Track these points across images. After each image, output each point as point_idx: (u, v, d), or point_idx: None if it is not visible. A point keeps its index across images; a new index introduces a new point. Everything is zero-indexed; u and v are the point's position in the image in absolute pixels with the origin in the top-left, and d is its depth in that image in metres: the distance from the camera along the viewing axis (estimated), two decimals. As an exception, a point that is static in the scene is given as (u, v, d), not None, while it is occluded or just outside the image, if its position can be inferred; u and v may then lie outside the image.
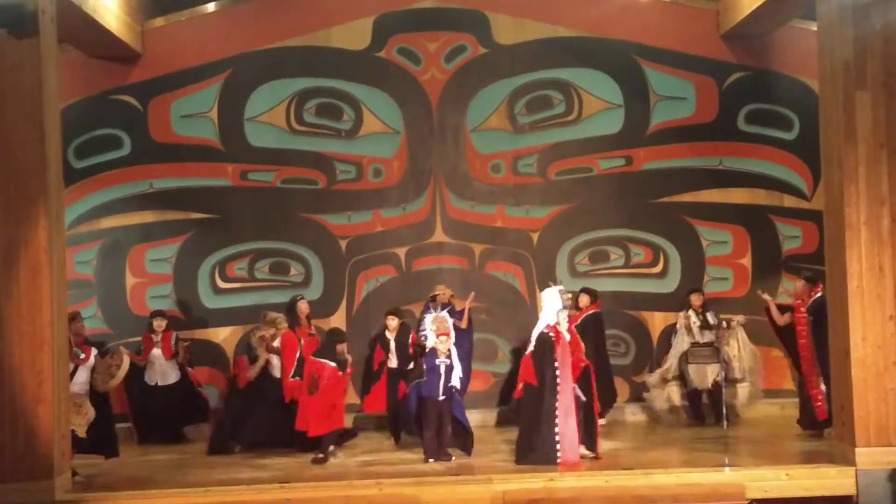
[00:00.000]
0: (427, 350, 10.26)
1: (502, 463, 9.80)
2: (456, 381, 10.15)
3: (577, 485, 8.80)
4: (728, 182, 12.68)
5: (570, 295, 10.18)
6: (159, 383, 11.83)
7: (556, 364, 9.57)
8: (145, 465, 10.45)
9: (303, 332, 11.54)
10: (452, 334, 10.32)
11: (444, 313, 10.70)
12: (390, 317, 11.59)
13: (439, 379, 10.04)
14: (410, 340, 11.54)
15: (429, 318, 10.44)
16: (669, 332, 12.37)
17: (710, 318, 11.83)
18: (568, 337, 9.73)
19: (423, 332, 11.57)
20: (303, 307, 11.80)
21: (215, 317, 12.48)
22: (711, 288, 12.43)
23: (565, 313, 9.82)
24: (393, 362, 11.58)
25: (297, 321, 11.60)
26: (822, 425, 10.41)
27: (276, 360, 11.16)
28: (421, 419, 10.15)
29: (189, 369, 11.94)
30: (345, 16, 12.67)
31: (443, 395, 10.04)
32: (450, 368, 10.09)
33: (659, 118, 12.70)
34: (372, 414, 12.02)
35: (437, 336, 10.15)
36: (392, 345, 11.58)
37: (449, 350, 10.16)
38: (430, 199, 12.67)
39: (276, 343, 11.12)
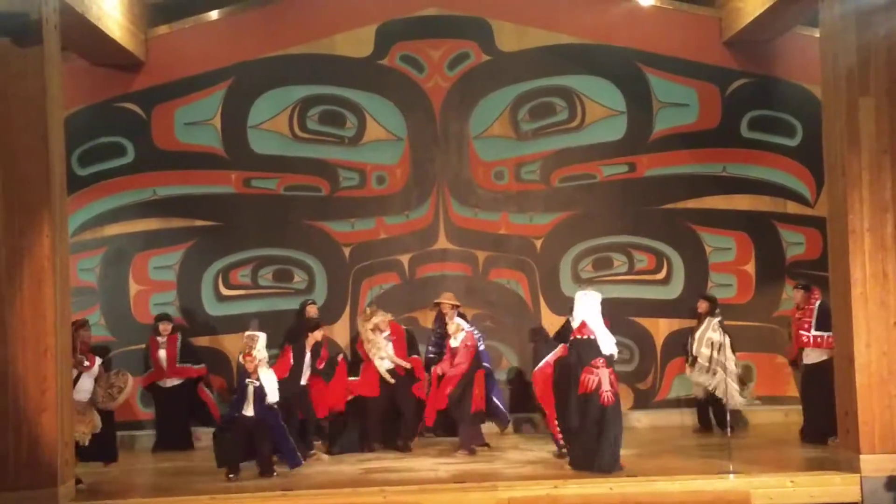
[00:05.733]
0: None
1: (507, 469, 9.79)
2: (273, 399, 9.95)
3: (581, 492, 8.79)
4: (731, 188, 12.68)
5: None
6: (165, 385, 11.85)
7: None
8: (150, 473, 10.46)
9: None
10: (261, 355, 10.10)
11: (258, 333, 10.35)
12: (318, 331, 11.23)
13: (245, 399, 9.86)
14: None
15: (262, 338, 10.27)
16: (673, 338, 12.41)
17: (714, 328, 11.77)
18: None
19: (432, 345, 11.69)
20: (309, 311, 11.86)
21: (219, 324, 12.47)
22: (715, 294, 12.39)
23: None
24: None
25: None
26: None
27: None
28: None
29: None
30: (348, 23, 12.69)
31: (254, 414, 9.84)
32: (259, 389, 9.88)
33: (662, 125, 12.71)
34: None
35: (244, 356, 10.02)
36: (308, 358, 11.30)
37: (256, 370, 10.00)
38: (433, 206, 12.68)
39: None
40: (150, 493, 9.29)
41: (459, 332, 11.06)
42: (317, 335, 11.01)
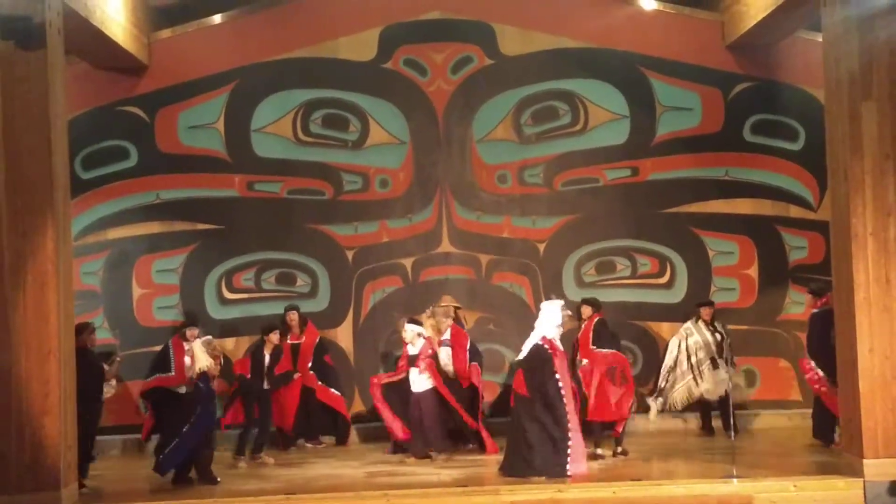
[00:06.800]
0: (198, 374, 10.00)
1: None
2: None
3: (584, 496, 8.80)
4: (734, 193, 12.67)
5: (569, 312, 10.11)
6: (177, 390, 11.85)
7: (558, 377, 9.57)
8: (153, 476, 10.43)
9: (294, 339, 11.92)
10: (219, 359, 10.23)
11: (209, 336, 10.44)
12: (273, 333, 11.31)
13: (214, 402, 9.99)
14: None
15: (198, 343, 10.18)
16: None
17: (720, 328, 11.76)
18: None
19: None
20: (290, 317, 12.00)
21: (222, 327, 12.45)
22: (718, 298, 12.38)
23: (562, 330, 9.86)
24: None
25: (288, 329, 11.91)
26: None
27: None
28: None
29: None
30: (351, 27, 12.70)
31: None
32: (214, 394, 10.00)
33: (665, 129, 12.70)
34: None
35: (214, 357, 10.04)
36: (267, 360, 11.30)
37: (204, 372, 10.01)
38: (436, 209, 12.69)
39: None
40: (153, 496, 9.30)
41: (418, 341, 11.03)
42: (272, 338, 11.10)
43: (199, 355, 10.03)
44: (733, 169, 12.66)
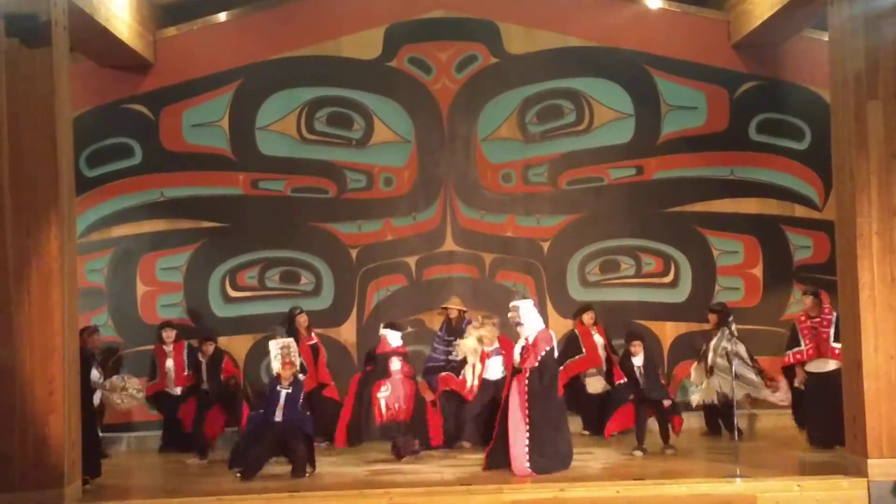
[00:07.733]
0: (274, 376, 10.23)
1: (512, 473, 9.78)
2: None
3: (587, 495, 8.78)
4: (739, 192, 12.66)
5: (514, 305, 10.01)
6: (177, 392, 11.82)
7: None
8: (156, 474, 10.47)
9: (303, 343, 11.69)
10: (298, 361, 10.38)
11: (290, 340, 10.64)
12: (207, 342, 11.49)
13: (277, 404, 9.96)
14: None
15: (274, 344, 10.38)
16: (680, 341, 12.40)
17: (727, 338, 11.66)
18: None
19: (435, 351, 11.64)
20: (301, 320, 11.89)
21: (225, 326, 12.45)
22: (722, 298, 12.36)
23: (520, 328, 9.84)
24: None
25: (296, 333, 11.73)
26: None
27: None
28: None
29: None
30: (356, 25, 12.70)
31: (282, 418, 9.93)
32: (291, 395, 10.01)
33: (670, 128, 12.69)
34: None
35: (283, 364, 10.15)
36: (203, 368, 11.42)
37: (293, 376, 10.11)
38: (440, 208, 12.68)
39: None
40: (157, 494, 9.29)
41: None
42: (207, 348, 11.41)
43: (272, 359, 10.37)
44: (738, 168, 12.64)
